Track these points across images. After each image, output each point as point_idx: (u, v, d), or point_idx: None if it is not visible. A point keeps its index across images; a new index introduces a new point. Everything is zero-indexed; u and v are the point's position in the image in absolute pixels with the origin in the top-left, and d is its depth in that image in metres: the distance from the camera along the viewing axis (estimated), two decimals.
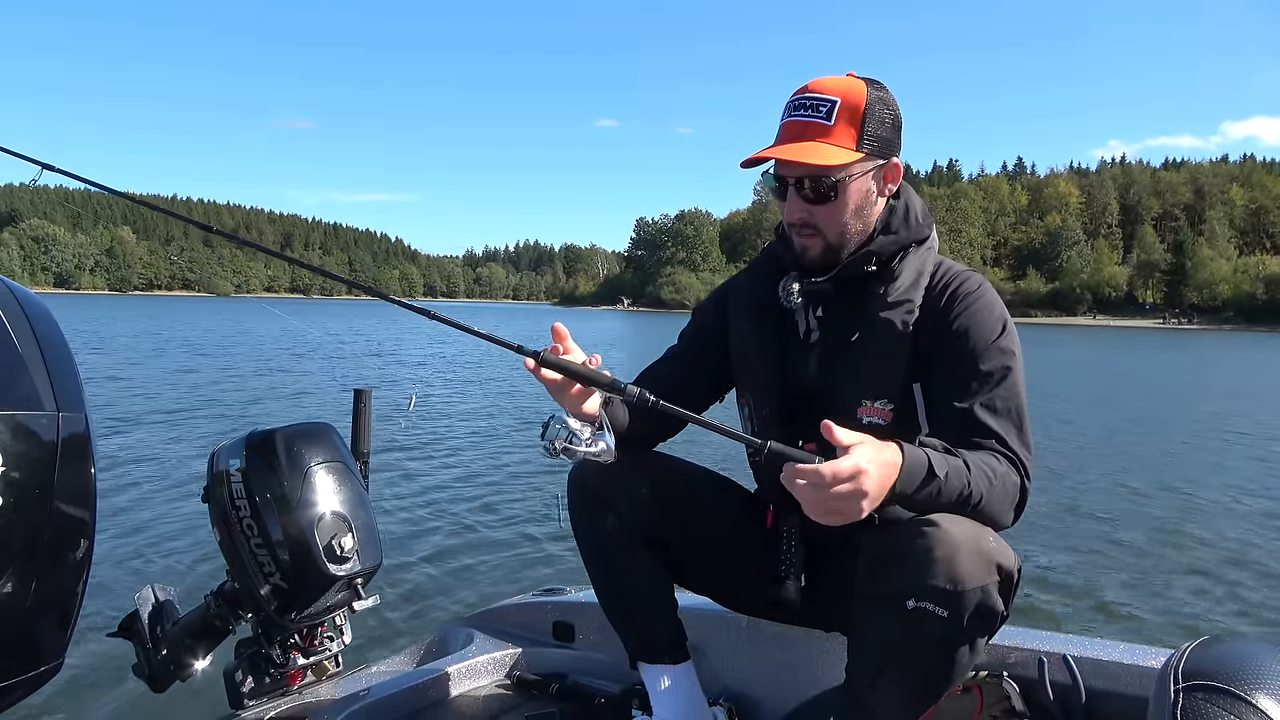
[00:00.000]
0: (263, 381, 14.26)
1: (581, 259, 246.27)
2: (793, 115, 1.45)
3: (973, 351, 1.41)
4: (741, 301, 1.67)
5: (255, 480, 1.72)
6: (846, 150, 1.42)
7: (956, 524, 1.24)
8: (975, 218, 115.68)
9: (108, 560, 4.30)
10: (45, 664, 1.46)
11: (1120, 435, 10.74)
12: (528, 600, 2.26)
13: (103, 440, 7.72)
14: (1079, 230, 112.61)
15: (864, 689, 1.32)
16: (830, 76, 1.48)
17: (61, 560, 1.46)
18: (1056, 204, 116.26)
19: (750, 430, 1.62)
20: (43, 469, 1.43)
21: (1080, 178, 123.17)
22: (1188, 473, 8.26)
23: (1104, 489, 7.30)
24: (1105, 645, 1.57)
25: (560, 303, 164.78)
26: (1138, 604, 4.41)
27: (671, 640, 1.65)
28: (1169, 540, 5.69)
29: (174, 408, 10.56)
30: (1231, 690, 0.97)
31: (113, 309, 56.69)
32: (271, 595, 1.73)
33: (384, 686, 1.86)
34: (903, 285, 1.48)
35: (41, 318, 1.49)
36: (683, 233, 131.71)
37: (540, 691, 1.96)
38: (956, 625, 1.21)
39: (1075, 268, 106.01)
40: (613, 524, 1.59)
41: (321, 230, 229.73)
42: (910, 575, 1.23)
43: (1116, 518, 6.27)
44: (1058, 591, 4.51)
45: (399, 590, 4.10)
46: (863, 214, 1.49)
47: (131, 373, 15.00)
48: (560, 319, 1.33)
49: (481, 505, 6.06)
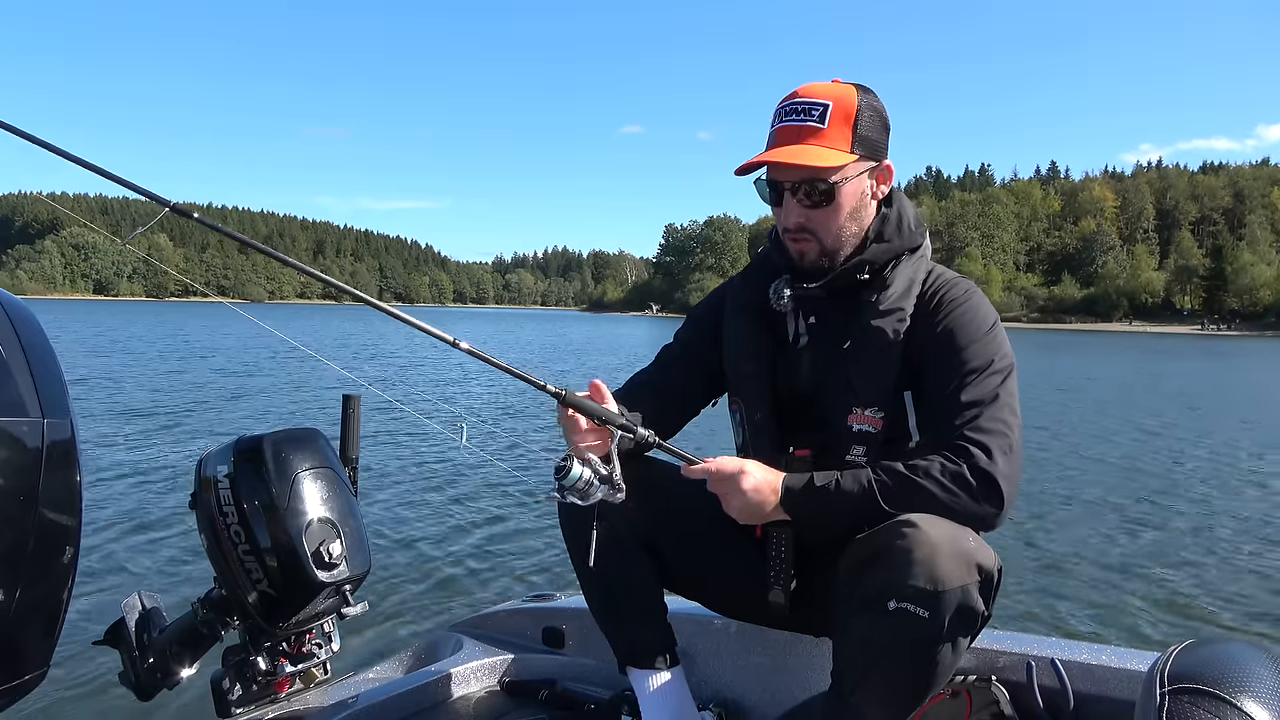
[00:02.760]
0: (252, 386, 14.34)
1: (610, 265, 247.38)
2: (785, 121, 1.46)
3: (956, 355, 1.41)
4: (735, 305, 1.66)
5: (243, 486, 1.71)
6: (841, 152, 1.43)
7: (935, 525, 1.25)
8: (1008, 223, 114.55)
9: (94, 567, 4.31)
10: (30, 672, 1.45)
11: (1121, 438, 10.70)
12: (517, 606, 2.26)
13: (89, 446, 7.75)
14: (1114, 235, 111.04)
15: (849, 692, 1.31)
16: (818, 82, 1.48)
17: (46, 568, 1.46)
18: (1091, 209, 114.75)
19: (742, 437, 1.62)
20: (27, 476, 1.43)
21: (1115, 182, 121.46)
22: (1184, 476, 8.23)
23: (1095, 493, 7.30)
24: (1093, 649, 1.57)
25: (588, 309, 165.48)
26: (1126, 607, 4.42)
27: (661, 645, 1.65)
28: (1156, 543, 5.71)
29: (162, 412, 10.59)
30: (1216, 693, 0.97)
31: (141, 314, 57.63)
32: (259, 602, 1.72)
33: (373, 693, 1.85)
34: (895, 293, 1.48)
35: (26, 323, 1.49)
36: (711, 239, 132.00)
37: (530, 698, 1.95)
38: (938, 625, 1.21)
39: (1111, 273, 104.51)
40: (602, 529, 1.57)
41: (353, 237, 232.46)
42: (890, 576, 1.23)
43: (1105, 521, 6.27)
44: (1045, 595, 4.51)
45: (388, 597, 4.11)
46: (857, 217, 1.50)
47: (121, 376, 15.12)
48: (588, 325, 1.38)
49: (471, 511, 6.07)
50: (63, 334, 28.18)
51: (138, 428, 9.26)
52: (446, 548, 5.11)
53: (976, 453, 1.31)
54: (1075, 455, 9.31)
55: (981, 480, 1.30)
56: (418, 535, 5.38)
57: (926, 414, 1.45)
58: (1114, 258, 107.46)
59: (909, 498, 1.31)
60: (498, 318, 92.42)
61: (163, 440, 8.59)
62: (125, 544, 4.86)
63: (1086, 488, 7.53)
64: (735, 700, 1.80)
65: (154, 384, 14.11)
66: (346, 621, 1.89)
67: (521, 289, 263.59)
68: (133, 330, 33.26)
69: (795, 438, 1.53)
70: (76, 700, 2.87)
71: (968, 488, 1.30)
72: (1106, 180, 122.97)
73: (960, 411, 1.36)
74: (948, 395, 1.39)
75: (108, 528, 5.16)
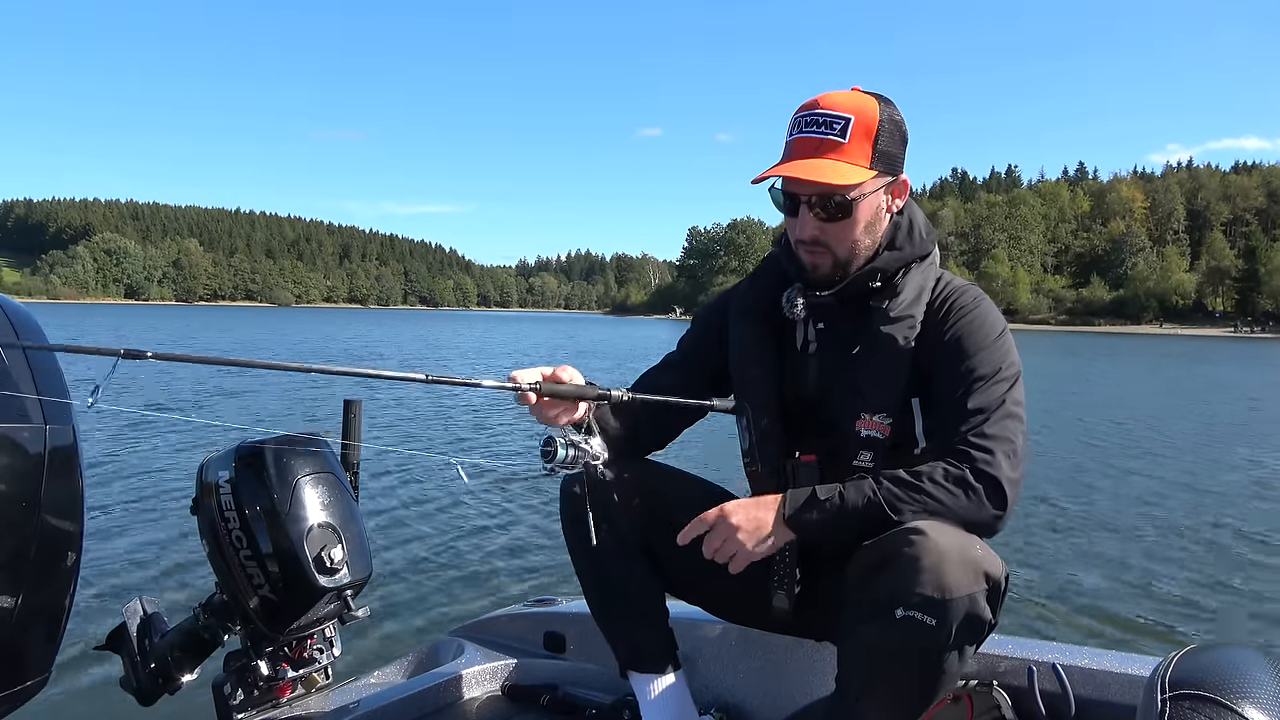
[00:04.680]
0: (258, 391, 14.40)
1: (633, 268, 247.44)
2: (804, 132, 1.43)
3: (964, 361, 1.41)
4: (742, 310, 1.66)
5: (244, 492, 1.72)
6: (861, 169, 1.42)
7: (943, 532, 1.24)
8: (1035, 224, 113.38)
9: (95, 573, 4.32)
10: (32, 678, 1.47)
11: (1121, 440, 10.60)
12: (519, 611, 2.26)
13: (91, 452, 7.70)
14: (1144, 236, 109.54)
15: (854, 698, 1.31)
16: (839, 92, 1.46)
17: (49, 573, 1.48)
18: (1120, 210, 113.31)
19: (748, 441, 1.60)
20: (29, 482, 1.45)
21: (1144, 183, 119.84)
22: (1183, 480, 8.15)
23: (1095, 497, 7.25)
24: (1094, 654, 1.57)
25: (611, 312, 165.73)
26: (1127, 612, 4.39)
27: (662, 649, 1.65)
28: (1158, 548, 5.66)
29: (164, 418, 10.66)
30: (1218, 699, 0.97)
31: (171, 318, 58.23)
32: (261, 607, 1.73)
33: (374, 699, 1.86)
34: (905, 300, 1.48)
35: (29, 329, 1.51)
36: (735, 241, 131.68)
37: (531, 702, 1.95)
38: (945, 634, 1.21)
39: (1141, 275, 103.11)
40: (605, 533, 1.57)
41: (379, 241, 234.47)
42: (898, 584, 1.23)
43: (1106, 525, 6.22)
44: (1047, 600, 4.47)
45: (390, 602, 4.11)
46: (872, 231, 1.49)
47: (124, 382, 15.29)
48: (611, 328, 1.41)
49: (472, 517, 6.07)
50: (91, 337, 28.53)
51: (140, 433, 9.29)
52: (448, 553, 5.12)
53: (980, 456, 1.32)
54: (1076, 455, 9.23)
55: (985, 483, 1.31)
56: (419, 540, 5.38)
57: (933, 420, 1.44)
58: (1144, 259, 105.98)
59: (914, 503, 1.31)
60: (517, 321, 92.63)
61: (164, 445, 8.61)
62: (127, 549, 4.87)
63: (1089, 492, 7.49)
64: (736, 705, 1.79)
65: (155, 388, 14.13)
66: (348, 627, 1.89)
67: (545, 292, 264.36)
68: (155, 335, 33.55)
69: (801, 443, 1.53)
70: (78, 705, 2.88)
71: (971, 491, 1.31)
72: (1135, 181, 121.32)
73: (966, 418, 1.36)
74: (954, 401, 1.39)
75: (110, 533, 5.18)
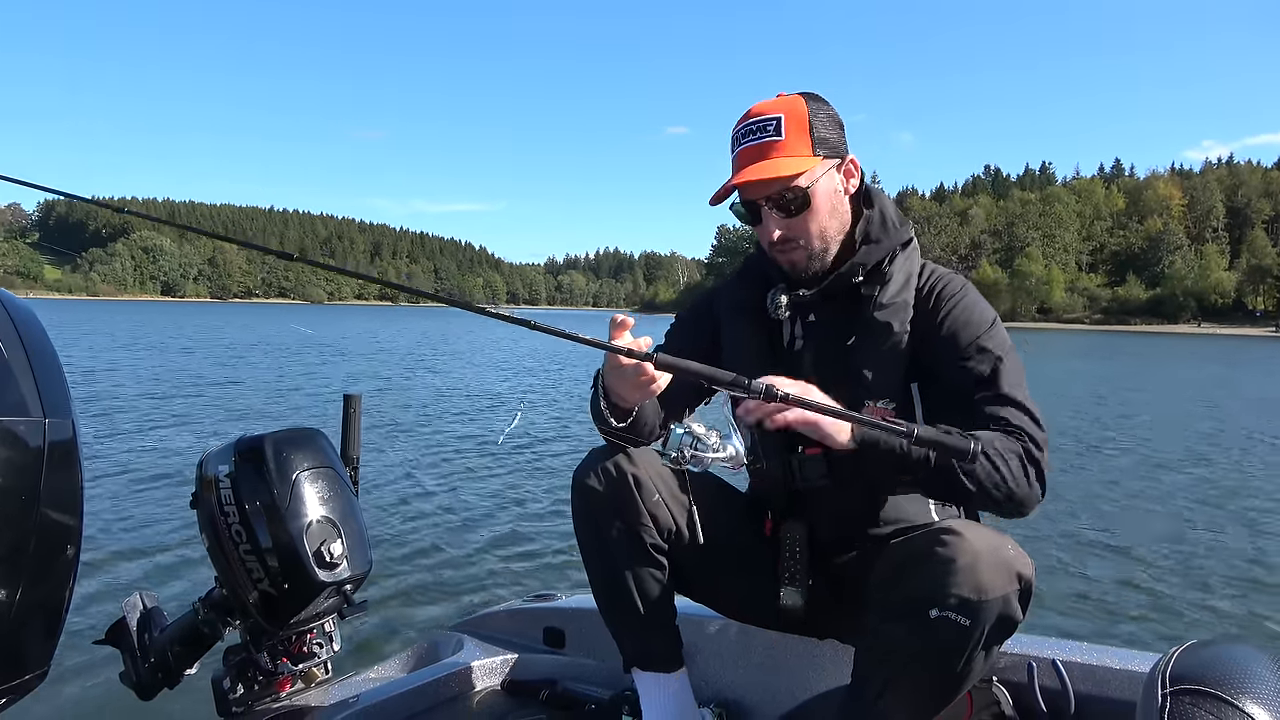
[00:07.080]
0: (257, 386, 14.45)
1: (662, 266, 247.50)
2: (744, 143, 1.49)
3: (964, 349, 1.43)
4: (731, 309, 1.68)
5: (244, 486, 1.72)
6: (805, 158, 1.47)
7: (977, 532, 1.25)
8: (1070, 222, 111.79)
9: (95, 567, 4.34)
10: (31, 672, 1.47)
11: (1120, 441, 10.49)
12: (518, 606, 2.26)
13: (91, 445, 7.80)
14: (1182, 234, 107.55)
15: (873, 696, 1.30)
16: (764, 100, 1.52)
17: (47, 567, 1.48)
18: (1157, 207, 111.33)
19: (750, 439, 1.58)
20: (29, 476, 1.45)
21: (1182, 179, 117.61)
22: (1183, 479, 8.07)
23: (1095, 493, 7.21)
24: (1094, 649, 1.57)
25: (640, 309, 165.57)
26: (1127, 607, 4.36)
27: (669, 650, 1.65)
28: (1159, 543, 5.63)
29: (164, 411, 10.69)
30: (1218, 694, 0.97)
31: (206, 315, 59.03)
32: (260, 602, 1.73)
33: (374, 693, 1.86)
34: (896, 286, 1.51)
35: (28, 323, 1.51)
36: None
37: (530, 697, 1.95)
38: (978, 634, 1.21)
39: (1179, 274, 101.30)
40: (618, 530, 1.57)
41: (409, 239, 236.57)
42: (933, 584, 1.22)
43: (1106, 521, 6.19)
44: (1047, 596, 4.44)
45: (389, 596, 4.12)
46: (836, 214, 1.52)
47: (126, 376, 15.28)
48: (638, 326, 1.34)
49: (472, 511, 6.08)
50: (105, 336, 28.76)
51: (139, 426, 9.35)
52: (447, 548, 5.11)
53: (1028, 439, 1.34)
54: (1076, 456, 9.18)
55: (1035, 467, 1.33)
56: (419, 535, 5.38)
57: (953, 405, 1.43)
58: (1181, 257, 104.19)
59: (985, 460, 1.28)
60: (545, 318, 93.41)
61: (164, 439, 8.65)
62: (126, 543, 4.88)
63: (1091, 485, 7.47)
64: (735, 700, 1.79)
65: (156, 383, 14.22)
66: (348, 621, 1.89)
67: (573, 290, 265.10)
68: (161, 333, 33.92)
69: (805, 437, 1.49)
70: (77, 700, 2.89)
71: (1029, 467, 1.32)
72: (1173, 177, 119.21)
73: (1003, 404, 1.37)
74: (983, 383, 1.40)
75: (109, 527, 5.19)
